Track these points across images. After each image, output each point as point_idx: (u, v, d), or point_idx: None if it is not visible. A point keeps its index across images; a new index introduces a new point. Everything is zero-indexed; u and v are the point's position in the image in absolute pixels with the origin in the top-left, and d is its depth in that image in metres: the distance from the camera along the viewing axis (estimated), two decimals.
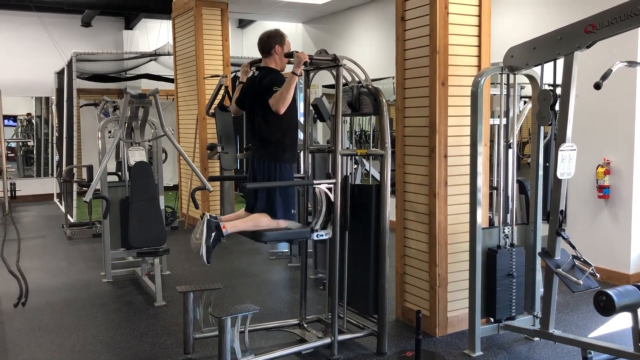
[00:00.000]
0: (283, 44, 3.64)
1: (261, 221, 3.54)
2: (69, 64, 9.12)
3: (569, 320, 4.35)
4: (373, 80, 3.94)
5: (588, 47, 3.19)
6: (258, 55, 3.81)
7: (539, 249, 3.81)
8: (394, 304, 4.45)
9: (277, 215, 3.55)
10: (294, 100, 3.56)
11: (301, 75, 3.58)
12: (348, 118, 4.39)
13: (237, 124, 7.93)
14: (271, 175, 3.56)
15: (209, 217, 3.37)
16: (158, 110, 5.24)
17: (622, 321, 4.16)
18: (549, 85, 3.54)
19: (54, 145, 11.17)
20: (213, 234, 3.34)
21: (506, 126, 3.88)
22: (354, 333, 3.86)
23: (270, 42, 3.62)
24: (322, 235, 3.61)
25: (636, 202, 5.08)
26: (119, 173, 6.90)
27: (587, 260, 3.33)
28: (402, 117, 4.27)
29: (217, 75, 7.60)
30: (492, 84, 4.16)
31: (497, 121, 3.92)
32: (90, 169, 8.05)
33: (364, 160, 6.10)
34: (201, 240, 3.33)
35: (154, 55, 10.15)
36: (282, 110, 3.40)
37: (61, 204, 9.93)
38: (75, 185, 8.64)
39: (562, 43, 3.28)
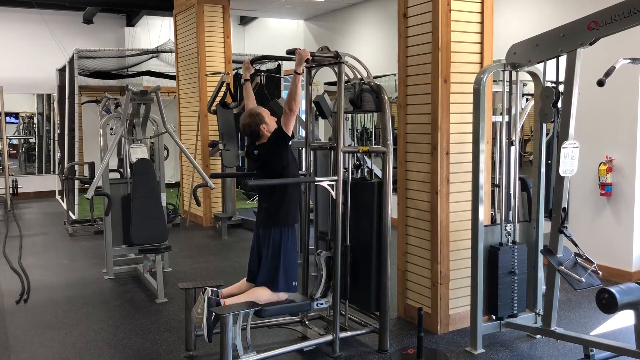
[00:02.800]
0: (263, 119, 3.64)
1: (261, 295, 3.57)
2: (71, 61, 9.12)
3: (571, 318, 4.34)
4: (375, 77, 3.93)
5: (591, 44, 3.17)
6: (259, 52, 3.82)
7: (541, 247, 3.80)
8: (395, 302, 4.44)
9: (278, 288, 3.59)
10: (294, 160, 3.71)
11: (303, 73, 3.57)
12: (350, 115, 4.38)
13: (238, 121, 7.92)
14: (276, 244, 3.61)
15: (210, 295, 3.40)
16: (160, 107, 5.24)
17: (624, 319, 4.16)
18: (552, 82, 3.53)
19: (56, 142, 11.18)
20: (214, 313, 3.38)
21: (508, 123, 3.87)
22: (356, 330, 3.86)
23: (254, 128, 3.63)
24: (322, 304, 3.69)
25: (638, 200, 5.07)
26: (121, 170, 6.90)
27: (590, 257, 3.32)
28: (404, 114, 4.26)
29: (219, 73, 7.59)
30: (494, 81, 4.14)
31: (499, 118, 3.91)
32: (92, 166, 8.05)
33: (365, 157, 6.09)
34: (202, 316, 3.38)
35: (156, 53, 10.15)
36: (297, 109, 3.48)
37: (63, 201, 9.94)
38: (77, 182, 8.64)
39: (565, 40, 3.27)
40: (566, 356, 3.66)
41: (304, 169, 4.07)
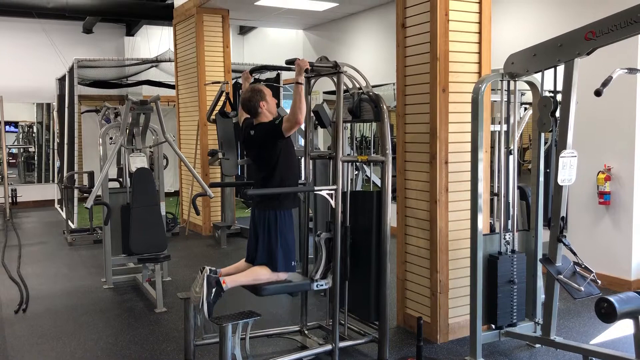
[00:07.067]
0: (265, 96, 3.68)
1: (261, 274, 3.57)
2: (71, 71, 9.14)
3: (570, 327, 4.34)
4: (374, 86, 3.95)
5: (588, 54, 3.20)
6: (259, 62, 3.84)
7: (540, 256, 3.81)
8: (394, 311, 4.44)
9: (277, 268, 3.59)
10: (291, 144, 3.70)
11: (303, 83, 3.59)
12: (349, 124, 4.39)
13: (238, 130, 7.95)
14: (271, 225, 3.61)
15: (208, 272, 3.40)
16: (159, 116, 5.26)
17: (623, 328, 4.15)
18: (550, 91, 3.54)
19: (55, 151, 11.18)
20: (213, 290, 3.38)
21: (507, 132, 3.88)
22: (355, 340, 3.85)
23: (253, 104, 3.67)
24: (322, 285, 3.66)
25: (637, 208, 5.08)
26: (120, 179, 6.91)
27: (588, 266, 3.32)
28: (402, 123, 4.28)
29: (218, 82, 7.61)
30: (492, 90, 4.17)
31: (497, 127, 3.93)
32: (91, 175, 8.06)
33: (364, 166, 6.11)
34: (201, 294, 3.36)
35: (155, 62, 10.18)
36: (302, 119, 3.49)
37: (62, 210, 9.92)
38: (76, 192, 8.64)
39: (563, 50, 3.29)
40: None
41: (303, 178, 4.07)
